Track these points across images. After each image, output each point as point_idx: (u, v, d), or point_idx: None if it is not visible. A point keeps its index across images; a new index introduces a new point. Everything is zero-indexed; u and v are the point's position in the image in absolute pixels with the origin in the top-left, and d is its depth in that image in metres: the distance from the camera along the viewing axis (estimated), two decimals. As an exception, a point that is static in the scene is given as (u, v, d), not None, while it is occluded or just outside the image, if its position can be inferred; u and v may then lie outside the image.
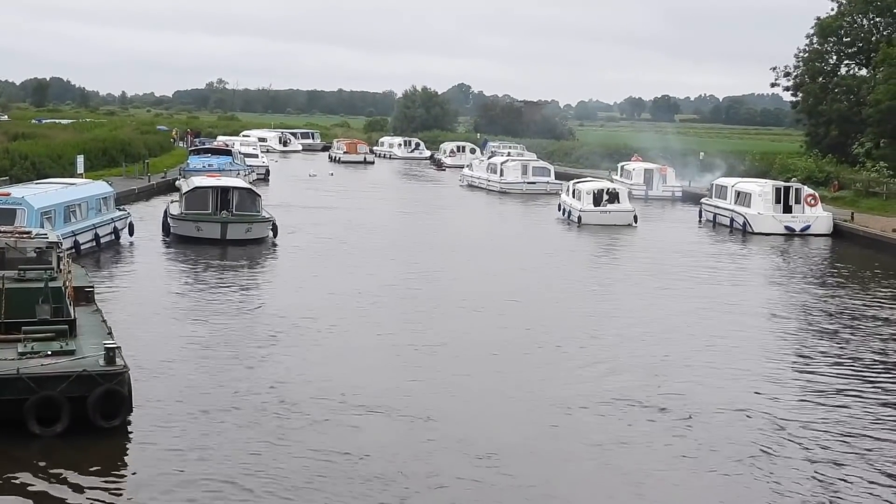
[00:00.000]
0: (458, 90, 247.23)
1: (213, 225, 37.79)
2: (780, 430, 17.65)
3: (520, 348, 23.16)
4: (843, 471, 15.87)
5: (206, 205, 38.59)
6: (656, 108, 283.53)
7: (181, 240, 37.78)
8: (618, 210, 49.58)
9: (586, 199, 49.99)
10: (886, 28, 71.00)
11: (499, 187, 68.16)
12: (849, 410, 19.01)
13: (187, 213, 38.46)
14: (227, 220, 38.00)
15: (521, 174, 68.34)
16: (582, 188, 51.42)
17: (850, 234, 46.64)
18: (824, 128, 71.36)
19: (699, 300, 29.90)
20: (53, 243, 21.54)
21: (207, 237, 37.36)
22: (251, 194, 40.06)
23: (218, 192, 38.75)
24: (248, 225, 38.43)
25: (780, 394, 20.02)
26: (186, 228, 38.07)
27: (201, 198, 38.84)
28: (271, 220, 39.65)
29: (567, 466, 15.85)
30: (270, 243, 38.53)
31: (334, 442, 16.34)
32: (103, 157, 65.21)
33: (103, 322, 19.64)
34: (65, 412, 15.89)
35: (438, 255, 38.22)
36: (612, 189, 51.27)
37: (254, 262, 34.57)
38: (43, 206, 31.83)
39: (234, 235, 37.72)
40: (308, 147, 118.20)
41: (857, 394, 20.20)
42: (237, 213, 38.59)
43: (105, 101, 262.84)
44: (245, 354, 21.58)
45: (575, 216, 50.01)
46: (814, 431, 17.63)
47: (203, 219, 37.97)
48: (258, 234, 38.76)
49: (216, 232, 37.58)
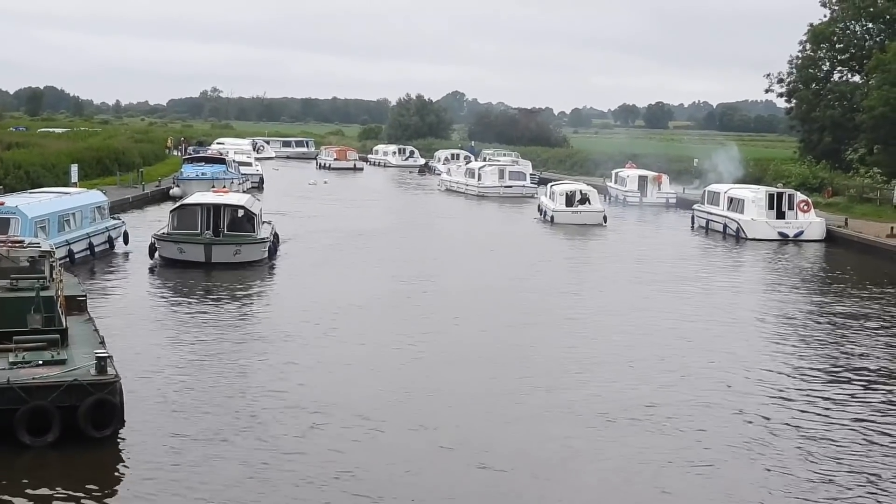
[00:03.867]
0: (452, 98, 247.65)
1: (196, 246, 34.58)
2: (772, 435, 17.65)
3: (512, 355, 23.15)
4: (834, 475, 15.87)
5: (195, 223, 35.48)
6: (650, 114, 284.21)
7: (167, 261, 34.80)
8: (588, 210, 52.62)
9: (559, 200, 53.36)
10: (879, 34, 71.12)
11: (476, 191, 69.99)
12: (839, 415, 19.00)
13: (172, 233, 35.38)
14: (212, 241, 34.71)
15: (498, 178, 70.14)
16: (556, 190, 54.79)
17: (844, 239, 46.71)
18: (818, 134, 71.52)
19: (694, 305, 29.88)
20: (46, 252, 21.48)
21: (191, 260, 34.30)
22: (246, 213, 36.41)
23: (208, 211, 35.57)
24: (237, 247, 34.95)
25: (769, 399, 20.00)
26: (170, 250, 34.92)
27: (189, 216, 35.80)
28: (266, 240, 36.28)
29: (565, 477, 15.83)
30: (266, 267, 35.19)
31: (329, 452, 16.30)
32: (97, 166, 65.14)
33: (95, 331, 19.59)
34: (56, 422, 15.83)
35: (421, 260, 38.23)
36: (583, 191, 54.26)
37: (245, 274, 34.17)
38: (37, 216, 31.83)
39: (221, 258, 34.39)
40: (303, 155, 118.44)
41: (848, 399, 20.20)
42: (228, 234, 35.45)
43: (99, 110, 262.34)
44: (238, 364, 21.53)
45: (549, 216, 53.01)
46: (804, 437, 17.64)
47: (186, 240, 34.87)
48: (249, 257, 35.13)
49: (200, 254, 34.36)
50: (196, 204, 36.22)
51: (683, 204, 61.80)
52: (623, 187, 66.94)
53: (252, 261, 35.00)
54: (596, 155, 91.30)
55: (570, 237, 47.61)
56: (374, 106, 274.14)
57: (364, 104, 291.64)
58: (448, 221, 54.43)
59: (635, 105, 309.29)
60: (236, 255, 34.72)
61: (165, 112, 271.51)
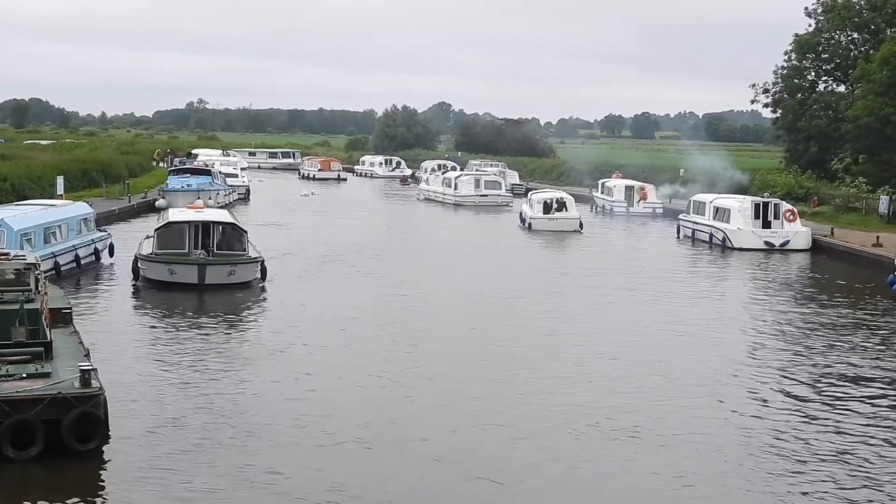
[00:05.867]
0: (438, 109, 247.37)
1: (189, 267, 32.56)
2: (754, 443, 17.67)
3: (499, 367, 23.13)
4: (816, 484, 15.89)
5: (182, 242, 33.42)
6: (636, 125, 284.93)
7: (153, 283, 32.63)
8: (565, 217, 54.50)
9: (537, 208, 55.29)
10: (864, 44, 71.43)
11: (453, 200, 71.75)
12: (823, 424, 19.03)
13: (160, 254, 33.20)
14: (207, 261, 32.89)
15: (474, 188, 71.94)
16: (534, 198, 56.88)
17: (830, 248, 46.85)
18: (803, 144, 71.75)
19: (680, 315, 29.89)
20: (31, 265, 21.33)
21: (182, 281, 32.31)
22: (236, 230, 34.71)
23: (197, 229, 33.55)
24: (231, 267, 33.11)
25: (753, 409, 20.03)
26: (158, 271, 32.70)
27: (176, 235, 33.62)
28: (259, 259, 34.22)
29: (559, 492, 15.81)
30: (258, 288, 33.26)
31: (315, 465, 16.25)
32: (83, 178, 64.88)
33: (81, 344, 19.50)
34: (39, 436, 15.74)
35: (408, 272, 38.14)
36: (560, 198, 55.95)
37: (232, 289, 33.25)
38: (22, 228, 31.71)
39: (215, 279, 32.47)
40: (289, 166, 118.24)
41: (832, 407, 20.23)
42: (219, 253, 33.61)
43: (85, 122, 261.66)
44: (224, 377, 21.44)
45: (528, 223, 54.82)
46: (788, 445, 17.66)
47: (177, 260, 32.85)
48: (243, 277, 33.33)
49: (192, 276, 32.37)
50: (184, 221, 33.98)
51: (670, 214, 61.90)
52: (610, 197, 67.11)
53: (244, 281, 33.34)
54: (582, 165, 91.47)
55: (550, 246, 47.90)
56: (360, 117, 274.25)
57: (351, 115, 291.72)
58: (428, 232, 54.56)
59: (621, 115, 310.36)
60: (231, 276, 32.95)
61: (151, 123, 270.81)
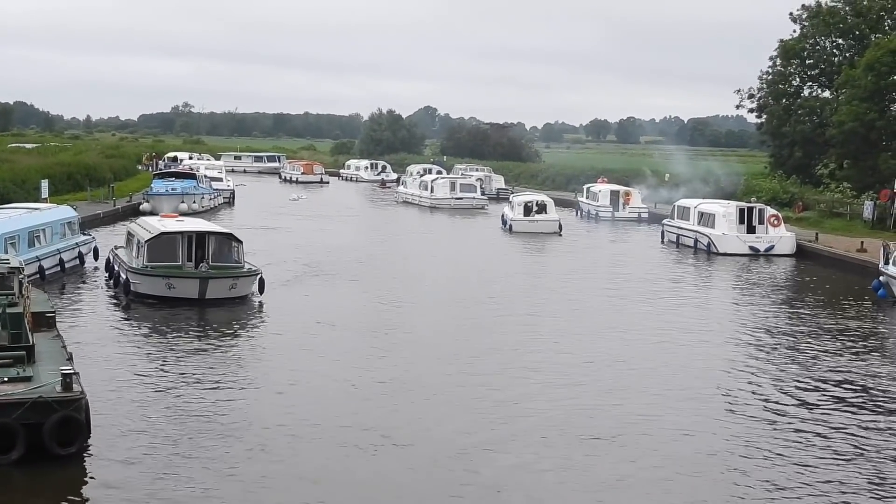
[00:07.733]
0: (424, 113, 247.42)
1: (190, 281, 30.63)
2: (736, 448, 17.68)
3: (488, 371, 23.12)
4: (800, 490, 15.91)
5: (176, 255, 31.60)
6: (621, 129, 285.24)
7: (147, 297, 30.65)
8: (544, 219, 55.92)
9: (518, 210, 56.63)
10: (848, 50, 71.67)
11: (429, 203, 73.13)
12: (807, 428, 19.08)
13: (154, 267, 31.18)
14: (209, 275, 30.88)
15: (450, 191, 73.18)
16: (515, 200, 58.40)
17: (814, 254, 46.98)
18: (788, 149, 71.94)
19: (665, 320, 29.95)
20: (15, 269, 21.30)
21: (182, 296, 30.32)
22: (230, 240, 32.74)
23: (191, 240, 31.75)
24: (234, 280, 31.33)
25: (738, 414, 20.08)
26: (153, 286, 30.74)
27: (169, 246, 31.75)
28: (258, 272, 32.27)
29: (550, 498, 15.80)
30: (256, 302, 31.41)
31: (298, 471, 16.21)
32: (68, 182, 64.62)
33: (63, 348, 19.41)
34: (20, 440, 15.66)
35: (391, 276, 38.17)
36: (540, 201, 57.64)
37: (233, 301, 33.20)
38: (6, 232, 31.56)
39: (216, 294, 30.58)
40: (274, 170, 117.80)
41: (816, 411, 20.28)
42: (215, 265, 31.61)
43: (69, 125, 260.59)
44: (207, 381, 21.36)
45: (508, 225, 56.13)
46: (772, 449, 17.69)
47: (177, 273, 31.02)
48: (243, 291, 31.58)
49: (193, 290, 30.38)
50: (177, 232, 32.19)
51: (655, 219, 61.98)
52: (595, 202, 67.11)
53: (243, 295, 31.57)
54: (568, 170, 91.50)
55: (533, 250, 48.17)
56: (346, 121, 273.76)
57: (336, 119, 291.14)
58: (409, 236, 54.57)
59: (607, 120, 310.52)
60: (232, 290, 31.17)
61: (136, 127, 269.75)
